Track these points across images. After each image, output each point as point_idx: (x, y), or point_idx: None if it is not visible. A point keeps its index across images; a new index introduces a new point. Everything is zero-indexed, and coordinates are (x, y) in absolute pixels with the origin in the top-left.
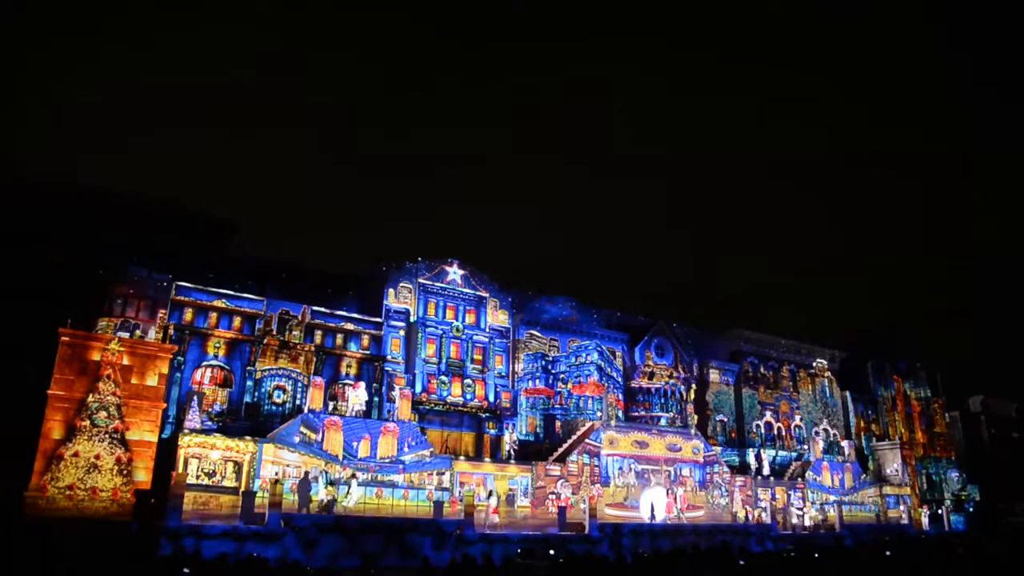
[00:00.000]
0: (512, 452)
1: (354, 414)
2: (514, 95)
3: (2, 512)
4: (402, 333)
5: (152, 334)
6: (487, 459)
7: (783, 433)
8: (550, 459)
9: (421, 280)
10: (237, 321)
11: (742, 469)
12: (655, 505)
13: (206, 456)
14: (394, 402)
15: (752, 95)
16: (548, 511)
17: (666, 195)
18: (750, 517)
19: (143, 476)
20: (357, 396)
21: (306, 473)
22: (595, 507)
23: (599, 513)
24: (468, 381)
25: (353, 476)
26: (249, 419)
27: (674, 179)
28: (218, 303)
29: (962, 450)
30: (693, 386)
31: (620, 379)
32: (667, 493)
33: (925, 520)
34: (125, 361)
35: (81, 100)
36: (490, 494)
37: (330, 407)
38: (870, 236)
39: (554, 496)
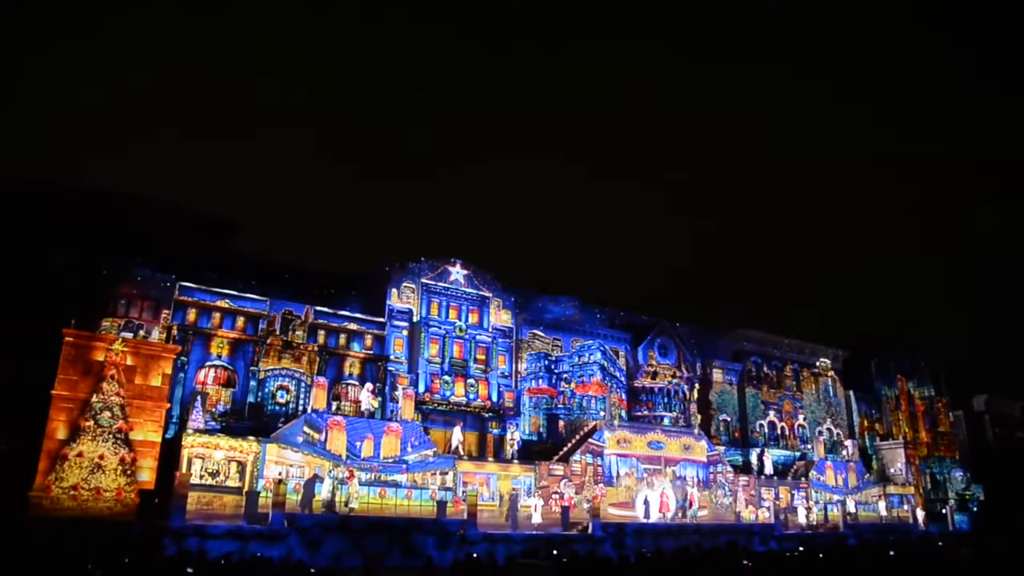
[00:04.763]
0: (515, 453)
1: (365, 414)
2: (514, 95)
3: (7, 512)
4: (405, 333)
5: (156, 334)
6: (490, 459)
7: (786, 432)
8: (553, 459)
9: (424, 280)
10: (240, 321)
11: (746, 469)
12: (650, 504)
13: (210, 456)
14: (397, 402)
15: (752, 95)
16: (551, 511)
17: (667, 195)
18: (755, 517)
19: (147, 476)
20: (374, 399)
21: (314, 474)
22: (598, 507)
23: (602, 513)
24: (471, 381)
25: (351, 476)
26: (252, 419)
27: (675, 179)
28: (221, 303)
29: (966, 449)
30: (696, 386)
31: (623, 379)
32: (661, 493)
33: (921, 519)
34: (129, 361)
35: (82, 100)
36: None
37: (333, 407)
38: (871, 235)
39: (557, 496)
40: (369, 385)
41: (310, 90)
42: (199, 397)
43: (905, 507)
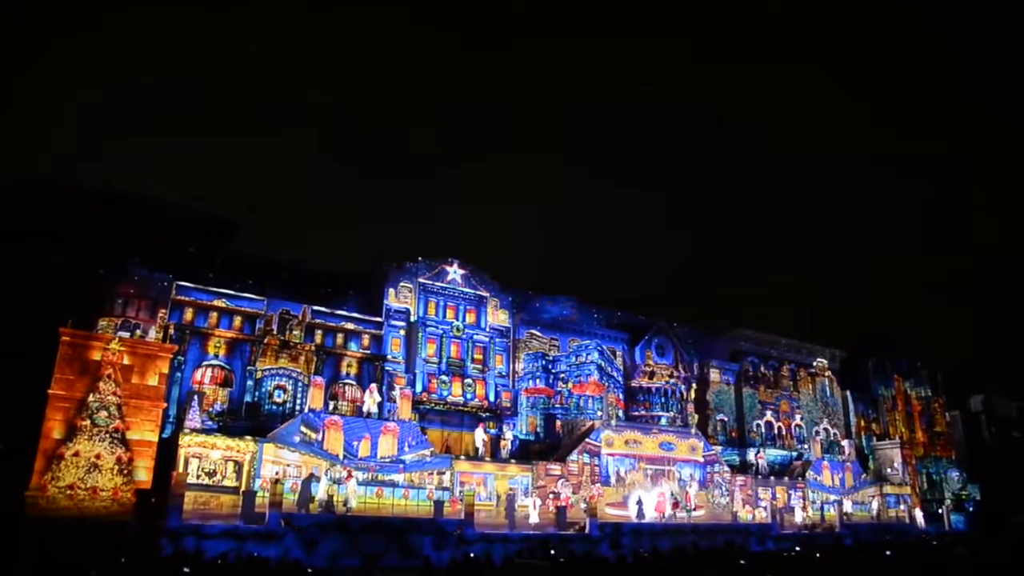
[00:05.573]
0: (509, 452)
1: (368, 415)
2: (514, 95)
3: (3, 512)
4: (402, 333)
5: (152, 334)
6: (488, 458)
7: (783, 432)
8: (551, 459)
9: (421, 280)
10: (237, 321)
11: (743, 468)
12: (643, 504)
13: (206, 456)
14: (395, 402)
15: (753, 95)
16: (549, 510)
17: (666, 196)
18: (752, 516)
19: (144, 476)
20: (374, 398)
21: (311, 474)
22: (595, 506)
23: (600, 513)
24: (468, 381)
25: (348, 476)
26: (249, 419)
27: (673, 180)
28: (218, 303)
29: (962, 449)
30: (694, 385)
31: (620, 378)
32: (659, 493)
33: (920, 519)
34: (126, 361)
35: (82, 100)
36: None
37: (330, 407)
38: (870, 236)
39: (554, 495)
40: (373, 386)
41: (310, 90)
42: (196, 396)
43: (902, 507)
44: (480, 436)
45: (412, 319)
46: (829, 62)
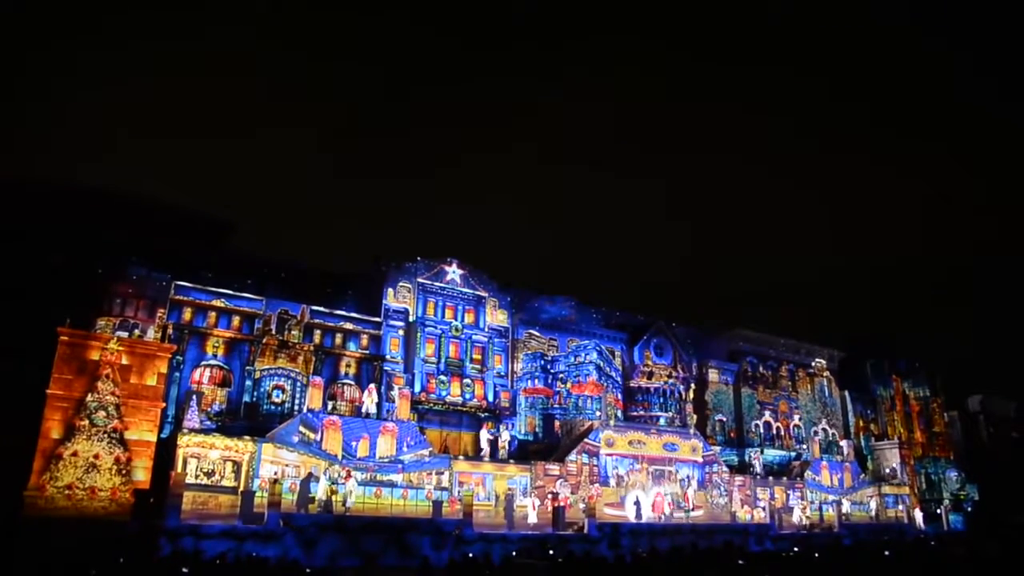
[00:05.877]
0: (507, 453)
1: (365, 415)
2: (514, 95)
3: (2, 512)
4: (401, 333)
5: (151, 333)
6: (486, 458)
7: (782, 432)
8: (549, 459)
9: (420, 280)
10: (236, 321)
11: (741, 468)
12: (641, 504)
13: (205, 456)
14: (393, 402)
15: (752, 95)
16: (547, 511)
17: (666, 195)
18: (751, 516)
19: (142, 476)
20: (372, 398)
21: (309, 473)
22: (594, 507)
23: (598, 513)
24: (467, 381)
25: (347, 476)
26: (248, 419)
27: (674, 179)
28: (217, 303)
29: (961, 449)
30: (692, 385)
31: (619, 379)
32: (657, 493)
33: (918, 519)
34: (124, 360)
35: (82, 100)
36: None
37: (329, 407)
38: (870, 236)
39: (552, 496)
40: (372, 386)
41: (310, 90)
42: (194, 396)
43: (900, 507)
44: (485, 436)
45: (411, 319)
46: (829, 63)
